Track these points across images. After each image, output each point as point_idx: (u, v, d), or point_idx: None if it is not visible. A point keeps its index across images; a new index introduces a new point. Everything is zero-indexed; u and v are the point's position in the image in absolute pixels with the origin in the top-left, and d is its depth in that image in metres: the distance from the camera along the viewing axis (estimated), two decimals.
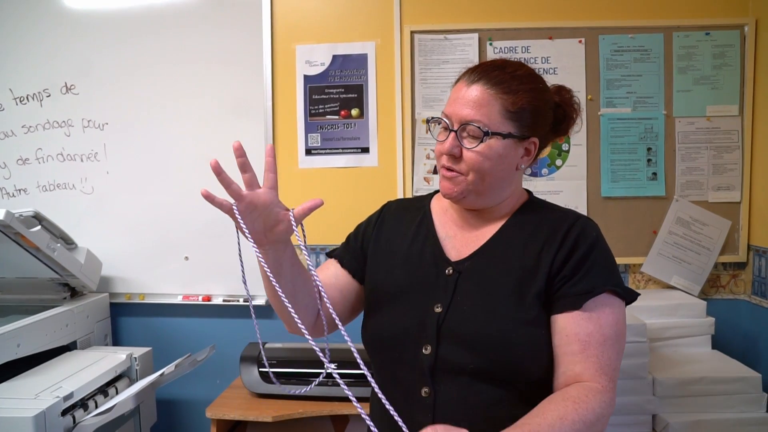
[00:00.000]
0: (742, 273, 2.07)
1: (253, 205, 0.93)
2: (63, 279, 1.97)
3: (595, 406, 0.89)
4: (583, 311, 0.95)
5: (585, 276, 0.96)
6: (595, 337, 0.94)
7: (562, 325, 0.96)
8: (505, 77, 0.99)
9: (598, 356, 0.94)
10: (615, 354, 0.95)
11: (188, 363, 1.75)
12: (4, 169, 2.26)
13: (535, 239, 1.01)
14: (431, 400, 0.97)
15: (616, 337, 0.96)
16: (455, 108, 0.99)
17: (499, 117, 0.98)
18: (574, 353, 0.94)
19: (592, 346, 0.94)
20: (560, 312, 0.96)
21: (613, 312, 0.96)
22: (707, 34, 2.02)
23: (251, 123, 2.14)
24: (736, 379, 1.67)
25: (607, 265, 1.00)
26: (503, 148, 0.99)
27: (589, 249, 0.98)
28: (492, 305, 0.97)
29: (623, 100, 2.05)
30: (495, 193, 1.03)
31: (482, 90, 0.98)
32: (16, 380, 1.61)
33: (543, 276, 0.98)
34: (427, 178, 2.11)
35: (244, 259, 1.03)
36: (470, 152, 0.98)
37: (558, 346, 0.96)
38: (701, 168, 2.04)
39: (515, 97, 0.98)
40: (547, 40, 2.06)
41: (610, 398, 0.92)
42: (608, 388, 0.93)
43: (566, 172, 2.08)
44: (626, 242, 2.05)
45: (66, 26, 2.19)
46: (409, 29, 2.09)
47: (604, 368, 0.94)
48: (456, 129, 0.99)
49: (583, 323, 0.94)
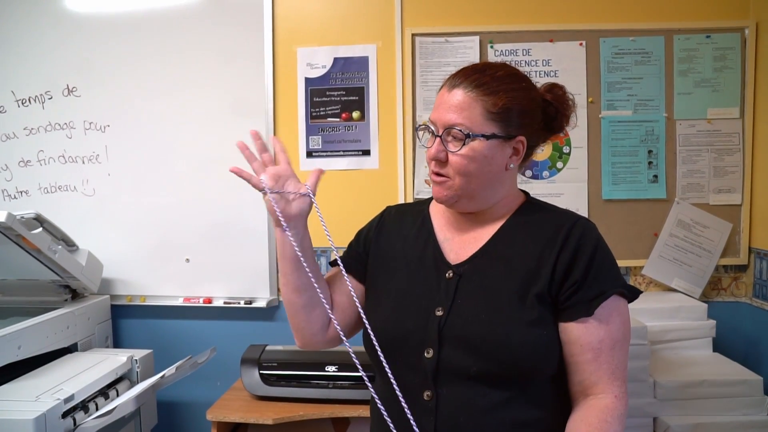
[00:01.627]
0: (743, 275, 2.06)
1: (278, 174, 1.05)
2: (64, 281, 1.97)
3: (617, 428, 0.95)
4: (594, 318, 0.97)
5: (594, 281, 0.98)
6: (606, 343, 0.97)
7: (576, 335, 0.97)
8: (485, 79, 0.99)
9: (610, 362, 0.97)
10: (624, 354, 0.99)
11: (189, 365, 1.75)
12: (5, 171, 2.27)
13: (535, 240, 1.01)
14: (433, 404, 0.97)
15: (624, 339, 1.00)
16: (439, 114, 1.01)
17: (481, 119, 0.98)
18: (588, 362, 0.97)
19: (604, 353, 0.97)
20: (572, 320, 0.98)
21: (620, 314, 0.99)
22: (708, 36, 2.02)
23: (253, 125, 2.14)
24: (738, 381, 1.67)
25: (611, 267, 1.01)
26: (488, 149, 0.99)
27: (593, 252, 0.99)
28: (493, 307, 0.98)
29: (624, 102, 2.05)
30: (487, 194, 1.04)
31: (463, 94, 0.99)
32: (16, 382, 1.61)
33: (546, 278, 0.98)
34: (428, 180, 2.11)
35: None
36: (455, 156, 0.99)
37: (571, 355, 0.98)
38: (702, 170, 2.04)
39: (496, 98, 0.98)
40: (548, 42, 2.06)
41: (624, 405, 0.98)
42: (621, 393, 0.98)
43: (567, 174, 2.08)
44: (627, 245, 2.05)
45: (68, 28, 2.20)
46: (410, 32, 2.09)
47: (616, 372, 0.97)
48: (441, 134, 1.00)
49: (595, 331, 0.97)
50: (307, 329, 1.08)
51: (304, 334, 1.09)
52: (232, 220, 2.15)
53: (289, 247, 1.02)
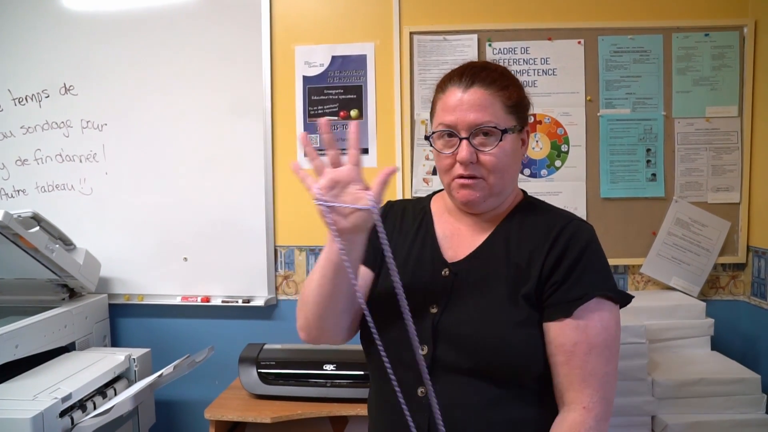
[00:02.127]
0: (742, 274, 2.06)
1: (336, 180, 0.90)
2: (62, 280, 1.97)
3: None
4: (572, 319, 0.95)
5: (576, 283, 0.97)
6: (581, 347, 0.95)
7: (553, 335, 0.97)
8: (495, 75, 1.01)
9: (582, 367, 0.95)
10: (603, 361, 0.95)
11: (187, 364, 1.75)
12: (2, 170, 2.26)
13: (528, 239, 1.02)
14: (427, 401, 0.96)
15: (605, 344, 0.96)
16: (458, 115, 0.99)
17: (502, 113, 1.00)
18: (561, 364, 0.96)
19: (577, 357, 0.95)
20: (551, 320, 0.97)
21: (602, 318, 0.96)
22: (706, 35, 2.01)
23: (251, 123, 2.14)
24: (736, 380, 1.67)
25: (599, 270, 0.99)
26: (513, 143, 1.01)
27: (579, 253, 0.98)
28: (485, 307, 0.98)
29: (622, 101, 2.05)
30: (509, 190, 1.06)
31: (481, 92, 0.99)
32: (14, 381, 1.60)
33: (534, 278, 0.98)
34: (426, 179, 2.11)
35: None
36: (487, 155, 0.99)
37: (549, 356, 0.97)
38: (700, 169, 2.04)
39: (509, 92, 1.01)
40: (547, 41, 2.06)
41: (594, 417, 0.94)
42: (593, 404, 0.94)
43: (565, 173, 2.08)
44: (625, 243, 2.05)
45: (65, 27, 2.19)
46: (408, 30, 2.08)
47: (588, 379, 0.94)
48: (467, 136, 0.99)
49: (570, 333, 0.95)
50: (330, 331, 1.04)
51: (322, 335, 1.04)
52: (230, 219, 2.15)
53: (335, 254, 0.93)
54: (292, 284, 2.19)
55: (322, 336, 1.05)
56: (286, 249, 2.18)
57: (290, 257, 2.19)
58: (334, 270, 0.95)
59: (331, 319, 1.02)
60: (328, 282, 0.97)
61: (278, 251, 2.18)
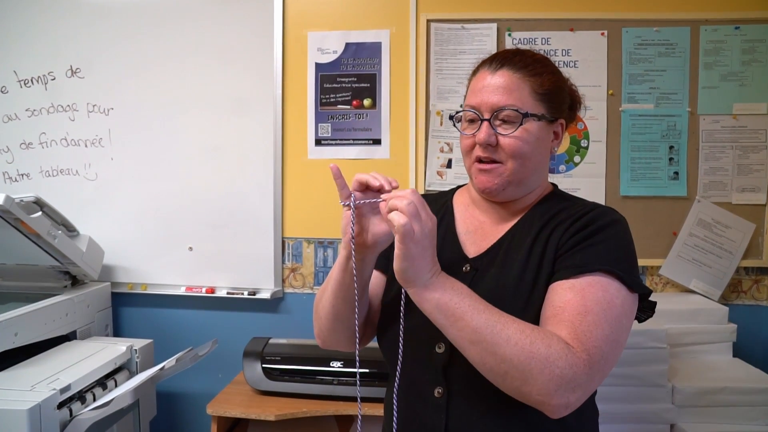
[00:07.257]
0: (766, 278, 1.99)
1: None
2: (64, 267, 1.93)
3: (552, 343, 0.80)
4: (568, 282, 0.88)
5: (582, 251, 0.90)
6: (574, 305, 0.85)
7: (548, 297, 0.89)
8: (528, 61, 0.98)
9: (573, 322, 0.83)
10: (597, 329, 0.83)
11: (190, 357, 1.70)
12: (6, 153, 2.22)
13: (548, 226, 0.97)
14: (444, 401, 0.94)
15: (603, 314, 0.84)
16: (483, 97, 0.97)
17: (530, 99, 0.96)
18: (546, 319, 0.87)
19: (567, 312, 0.84)
20: (551, 284, 0.91)
21: (604, 290, 0.87)
22: (737, 28, 1.94)
23: (260, 111, 2.08)
24: (761, 390, 1.60)
25: (614, 249, 0.91)
26: (538, 130, 0.97)
27: (596, 229, 0.92)
28: (504, 302, 0.92)
29: (646, 95, 1.98)
30: (532, 180, 1.01)
31: (509, 75, 0.96)
32: (12, 370, 1.57)
33: (549, 262, 0.92)
34: (440, 172, 2.05)
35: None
36: (507, 138, 0.95)
37: (541, 320, 0.89)
38: (725, 168, 1.97)
39: (542, 79, 0.97)
40: (569, 31, 1.99)
41: (573, 359, 0.80)
42: (580, 352, 0.81)
43: (584, 169, 2.01)
44: (645, 243, 1.98)
45: (72, 9, 2.14)
46: (425, 17, 2.02)
47: (580, 336, 0.82)
48: (489, 118, 0.95)
49: (564, 292, 0.87)
50: (345, 342, 1.04)
51: (338, 345, 1.05)
52: (237, 208, 2.10)
53: (348, 275, 0.94)
54: (300, 277, 2.14)
55: (337, 346, 1.06)
56: (294, 241, 2.13)
57: (298, 249, 2.13)
58: (346, 290, 0.96)
59: (344, 332, 1.02)
60: (340, 302, 0.98)
61: (286, 243, 2.13)
